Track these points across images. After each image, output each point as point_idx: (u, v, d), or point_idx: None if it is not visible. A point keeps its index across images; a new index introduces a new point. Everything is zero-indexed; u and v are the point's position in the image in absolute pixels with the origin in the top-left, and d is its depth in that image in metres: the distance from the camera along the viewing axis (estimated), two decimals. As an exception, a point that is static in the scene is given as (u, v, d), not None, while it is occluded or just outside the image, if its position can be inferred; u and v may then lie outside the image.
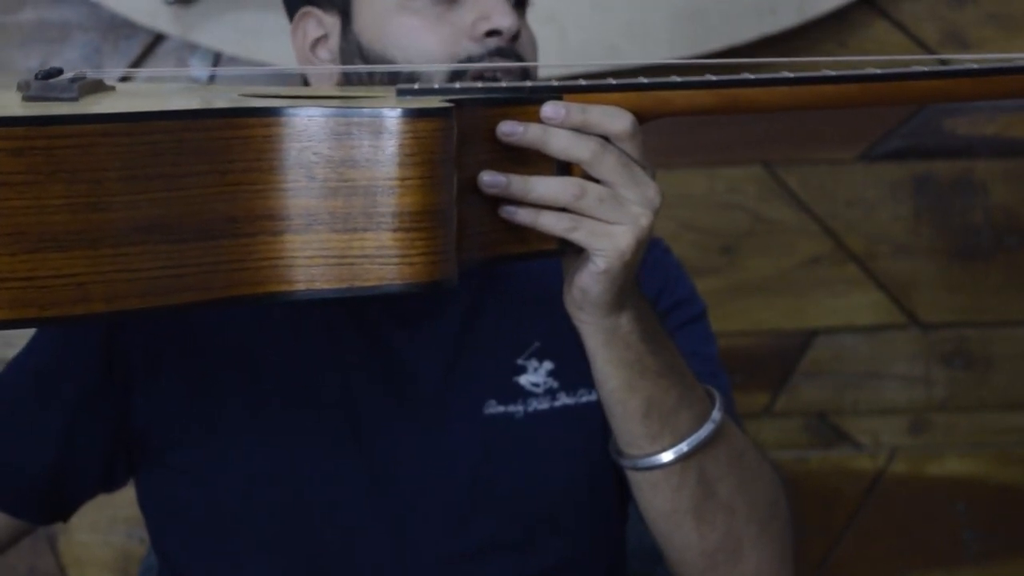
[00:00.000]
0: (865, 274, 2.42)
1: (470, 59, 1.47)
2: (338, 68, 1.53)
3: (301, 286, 1.14)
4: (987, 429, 2.46)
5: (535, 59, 1.54)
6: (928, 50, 2.39)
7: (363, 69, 1.50)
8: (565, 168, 1.24)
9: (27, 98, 1.17)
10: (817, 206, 2.41)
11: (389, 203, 1.13)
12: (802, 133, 2.39)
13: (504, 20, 1.47)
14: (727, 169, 2.40)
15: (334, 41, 1.54)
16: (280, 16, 1.49)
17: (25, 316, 1.05)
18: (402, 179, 1.13)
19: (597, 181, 1.24)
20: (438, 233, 1.14)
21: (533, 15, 1.57)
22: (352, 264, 1.14)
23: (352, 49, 1.52)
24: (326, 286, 1.14)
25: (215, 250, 1.11)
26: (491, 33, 1.47)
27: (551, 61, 2.22)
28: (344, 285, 1.14)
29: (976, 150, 2.42)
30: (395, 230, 1.13)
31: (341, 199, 1.13)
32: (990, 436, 2.46)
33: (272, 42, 2.24)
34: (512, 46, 1.48)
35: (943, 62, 2.38)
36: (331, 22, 1.54)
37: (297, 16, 1.58)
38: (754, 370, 2.41)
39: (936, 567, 2.46)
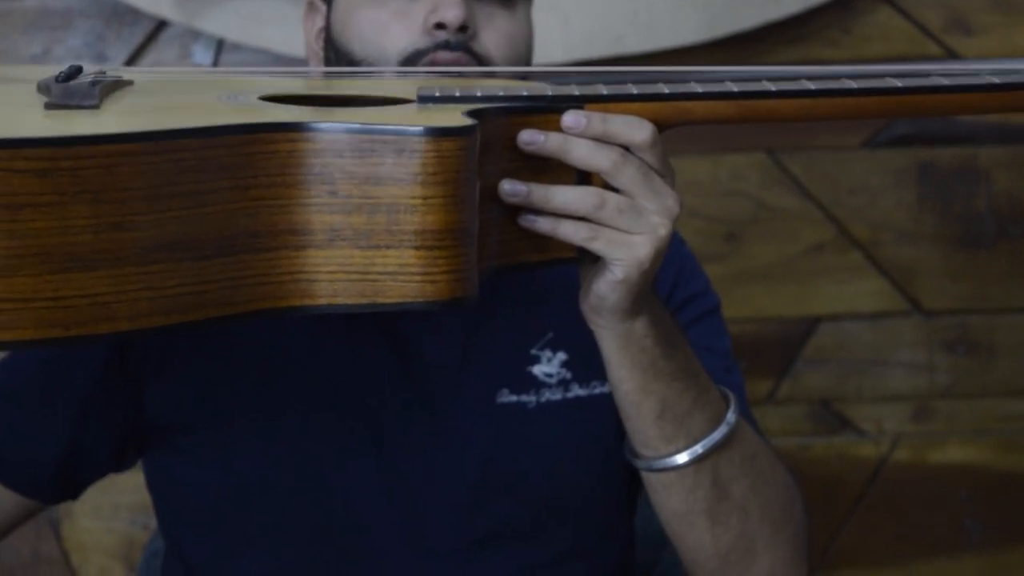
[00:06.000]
0: (868, 261, 2.42)
1: (417, 53, 1.47)
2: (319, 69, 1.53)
3: (323, 301, 1.14)
4: (990, 416, 2.46)
5: (509, 55, 1.50)
6: (932, 36, 2.38)
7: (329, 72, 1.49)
8: (585, 177, 1.24)
9: (49, 106, 1.17)
10: (820, 193, 2.41)
11: (412, 221, 1.12)
12: (806, 120, 2.39)
13: (448, 12, 1.46)
14: (731, 156, 2.39)
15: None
16: (282, 3, 1.48)
17: (49, 336, 1.04)
18: (424, 198, 1.12)
19: (617, 190, 1.24)
20: (460, 251, 1.14)
21: (535, 4, 1.56)
22: (374, 280, 1.14)
23: (328, 39, 1.53)
24: (348, 301, 1.14)
25: (237, 265, 1.11)
26: (439, 26, 1.46)
27: (555, 51, 2.22)
28: (366, 301, 1.14)
29: (980, 137, 2.41)
30: (417, 248, 1.13)
31: (364, 216, 1.13)
32: (993, 423, 2.46)
33: (275, 28, 2.24)
34: (460, 39, 1.47)
35: (949, 52, 2.38)
36: (324, 12, 1.55)
37: (306, 4, 1.59)
38: (757, 357, 2.41)
39: (938, 554, 2.47)
